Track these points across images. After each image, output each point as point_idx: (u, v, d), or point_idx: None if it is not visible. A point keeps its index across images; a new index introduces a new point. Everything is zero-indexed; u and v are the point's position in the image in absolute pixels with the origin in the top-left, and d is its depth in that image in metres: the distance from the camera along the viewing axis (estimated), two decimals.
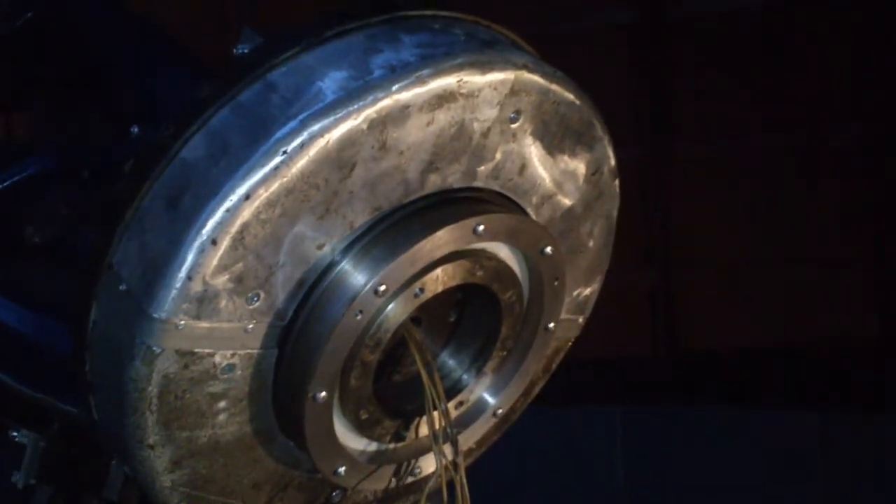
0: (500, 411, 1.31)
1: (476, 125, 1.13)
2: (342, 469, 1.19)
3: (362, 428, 1.20)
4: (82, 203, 1.46)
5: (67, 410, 1.33)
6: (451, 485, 1.25)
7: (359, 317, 1.10)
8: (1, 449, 1.41)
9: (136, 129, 1.25)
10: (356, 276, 1.11)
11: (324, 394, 1.12)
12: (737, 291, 4.87)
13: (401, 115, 1.07)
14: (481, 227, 1.15)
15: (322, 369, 1.11)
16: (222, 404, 1.12)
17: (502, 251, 1.23)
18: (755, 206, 4.83)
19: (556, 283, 1.27)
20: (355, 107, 1.05)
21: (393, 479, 1.28)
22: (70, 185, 1.48)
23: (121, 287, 1.06)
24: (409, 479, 1.30)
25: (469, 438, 1.31)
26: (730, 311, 4.84)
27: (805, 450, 4.20)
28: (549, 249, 1.24)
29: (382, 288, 1.10)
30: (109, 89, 1.55)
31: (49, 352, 1.38)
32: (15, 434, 1.40)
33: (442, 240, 1.13)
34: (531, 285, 1.27)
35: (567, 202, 1.28)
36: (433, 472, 1.27)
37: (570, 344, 1.44)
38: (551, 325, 1.31)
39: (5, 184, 1.42)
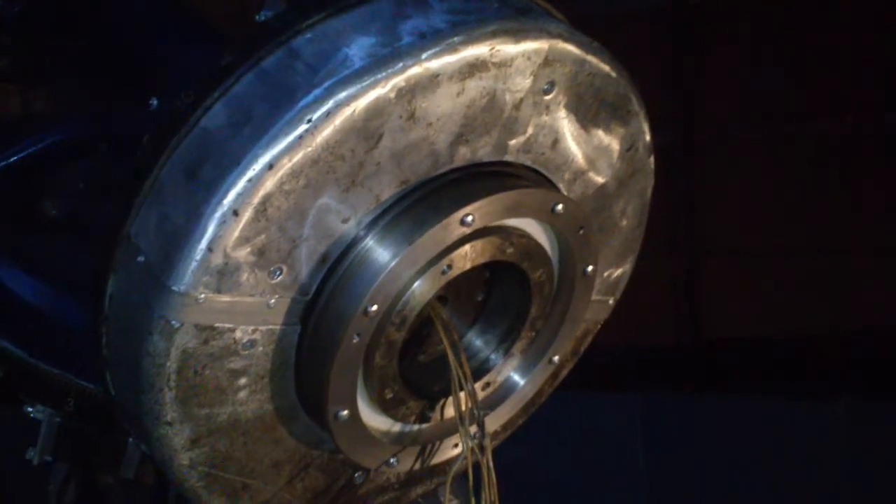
0: (526, 394, 1.28)
1: (508, 96, 1.09)
2: (364, 449, 1.16)
3: (387, 408, 1.17)
4: (100, 176, 1.43)
5: (84, 387, 1.30)
6: (476, 468, 1.22)
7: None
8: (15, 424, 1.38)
9: (154, 102, 1.22)
10: (381, 251, 1.07)
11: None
12: (759, 279, 4.82)
13: (430, 84, 1.03)
14: (518, 203, 1.11)
15: (346, 347, 1.07)
16: (243, 381, 1.08)
17: (533, 228, 1.19)
18: (780, 193, 4.77)
19: (588, 268, 1.23)
20: (383, 75, 1.01)
21: (417, 461, 1.25)
22: (88, 158, 1.45)
23: (139, 259, 1.02)
24: (434, 462, 1.26)
25: (496, 421, 1.27)
26: (752, 299, 4.79)
27: (829, 439, 4.15)
28: (582, 231, 1.20)
29: (409, 263, 1.07)
30: (129, 62, 1.52)
31: (66, 327, 1.35)
32: (30, 410, 1.37)
33: (473, 214, 1.09)
34: (562, 264, 1.23)
35: (600, 179, 1.23)
36: (459, 455, 1.23)
37: (600, 326, 1.40)
38: (580, 310, 1.27)
39: (21, 155, 1.39)
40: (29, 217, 1.41)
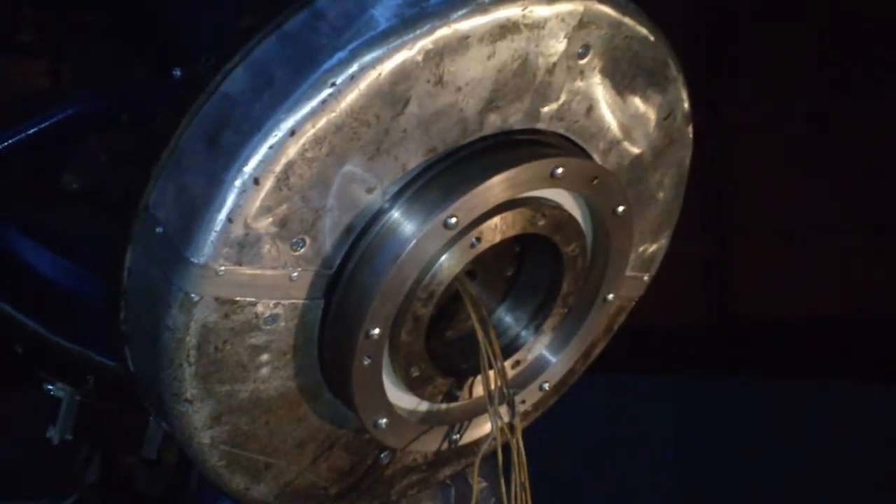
0: (557, 374, 1.23)
1: (541, 60, 1.04)
2: (384, 421, 1.12)
3: (413, 386, 1.13)
4: (121, 148, 1.40)
5: (104, 363, 1.28)
6: (506, 448, 1.17)
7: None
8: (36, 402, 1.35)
9: (178, 72, 1.18)
10: (408, 222, 1.03)
11: (377, 331, 1.03)
12: (793, 259, 4.75)
13: (459, 46, 0.98)
14: (560, 171, 1.06)
15: (375, 312, 1.03)
16: (265, 357, 1.05)
17: (566, 201, 1.14)
18: (812, 173, 4.69)
19: (623, 243, 1.19)
20: (410, 36, 0.96)
21: (445, 442, 1.21)
22: (109, 130, 1.41)
23: (157, 230, 0.99)
24: (462, 442, 1.22)
25: (526, 400, 1.23)
26: (786, 280, 4.72)
27: (865, 421, 4.09)
28: (622, 209, 1.15)
29: (453, 220, 1.02)
30: (152, 31, 1.48)
31: (87, 302, 1.32)
32: (51, 388, 1.34)
33: (510, 182, 1.04)
34: (595, 240, 1.19)
35: (636, 149, 1.18)
36: (488, 435, 1.19)
37: (634, 303, 1.35)
38: (614, 287, 1.22)
39: (40, 127, 1.36)
40: (49, 191, 1.38)
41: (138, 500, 1.54)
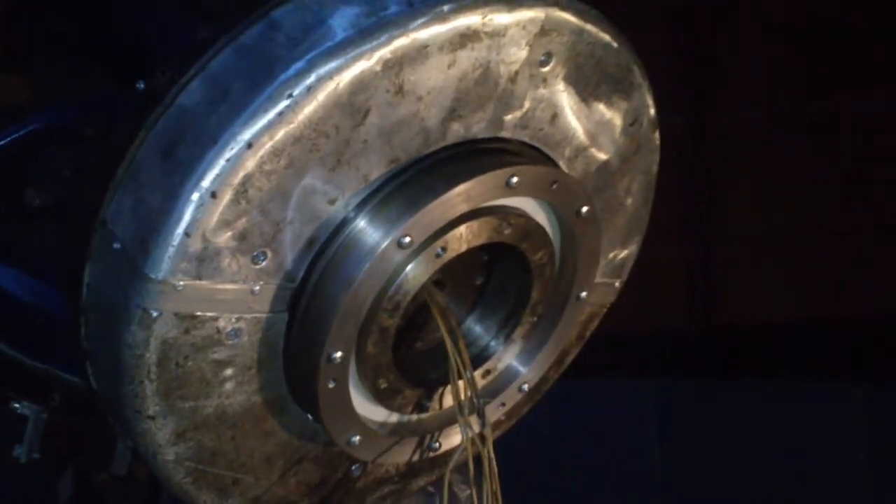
0: (529, 382, 1.22)
1: (503, 68, 1.03)
2: (357, 439, 1.11)
3: (381, 398, 1.12)
4: (86, 163, 1.38)
5: (70, 381, 1.26)
6: (478, 459, 1.16)
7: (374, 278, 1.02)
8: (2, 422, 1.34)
9: (141, 85, 1.17)
10: (372, 233, 1.01)
11: (340, 354, 1.03)
12: (774, 264, 4.75)
13: (419, 55, 0.98)
14: (515, 180, 1.06)
15: (337, 333, 1.02)
16: (229, 372, 1.03)
17: (531, 208, 1.14)
18: (794, 176, 4.70)
19: (591, 246, 1.18)
20: (368, 46, 0.95)
21: (416, 453, 1.20)
22: (73, 144, 1.40)
23: (115, 246, 0.97)
24: (433, 453, 1.21)
25: (497, 410, 1.22)
26: (768, 285, 4.72)
27: (847, 424, 4.09)
28: (585, 210, 1.14)
29: (406, 240, 1.01)
30: (117, 44, 1.47)
31: (51, 319, 1.30)
32: (17, 406, 1.32)
33: (472, 191, 1.04)
34: (563, 246, 1.18)
35: (602, 156, 1.18)
36: (459, 445, 1.18)
37: (606, 310, 1.34)
38: (584, 293, 1.21)
39: (4, 142, 1.34)
40: (12, 207, 1.36)
41: None
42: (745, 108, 4.82)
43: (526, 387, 1.22)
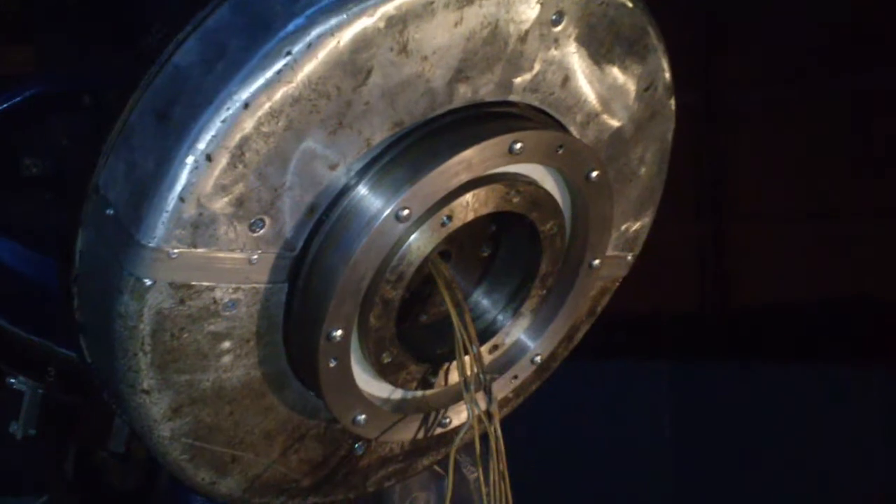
0: (538, 357, 1.18)
1: (512, 27, 0.99)
2: (361, 417, 1.07)
3: (385, 373, 1.08)
4: (84, 131, 1.35)
5: (65, 355, 1.22)
6: (484, 437, 1.12)
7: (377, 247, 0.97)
8: None
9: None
10: (373, 202, 0.97)
11: (340, 332, 0.99)
12: (789, 243, 4.70)
13: (424, 12, 0.93)
14: (518, 146, 1.01)
15: (337, 305, 0.98)
16: (226, 345, 0.99)
17: (541, 176, 1.09)
18: (810, 154, 4.63)
19: (603, 214, 1.13)
20: (371, 2, 0.91)
21: (421, 430, 1.16)
22: (71, 112, 1.36)
23: (108, 212, 0.93)
24: (439, 430, 1.17)
25: (510, 383, 1.18)
26: (782, 264, 4.67)
27: (862, 406, 4.04)
28: (595, 174, 1.10)
29: (405, 213, 0.97)
30: (114, 8, 1.43)
31: (47, 292, 1.26)
32: (13, 381, 1.29)
33: (473, 159, 0.99)
34: (574, 216, 1.13)
35: (615, 122, 1.13)
36: (465, 423, 1.14)
37: (618, 284, 1.30)
38: (596, 261, 1.17)
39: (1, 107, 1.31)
40: (8, 176, 1.33)
41: (112, 495, 1.49)
42: (761, 86, 4.75)
43: (538, 358, 1.17)
